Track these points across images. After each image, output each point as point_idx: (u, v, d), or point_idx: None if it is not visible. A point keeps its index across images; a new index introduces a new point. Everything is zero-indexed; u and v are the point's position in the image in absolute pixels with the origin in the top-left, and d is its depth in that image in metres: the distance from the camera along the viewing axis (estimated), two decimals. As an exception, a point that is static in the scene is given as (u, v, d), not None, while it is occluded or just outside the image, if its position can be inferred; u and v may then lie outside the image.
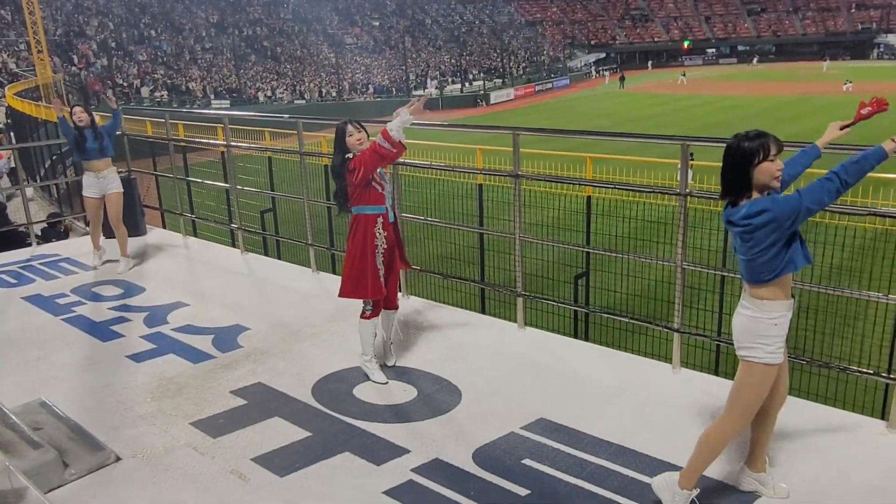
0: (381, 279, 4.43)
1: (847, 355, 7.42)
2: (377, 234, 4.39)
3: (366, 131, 4.38)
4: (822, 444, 3.56)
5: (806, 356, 4.53)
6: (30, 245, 8.13)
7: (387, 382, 4.43)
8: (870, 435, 3.65)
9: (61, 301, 6.15)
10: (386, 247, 4.43)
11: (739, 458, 3.32)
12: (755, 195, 2.83)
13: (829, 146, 3.28)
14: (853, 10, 76.48)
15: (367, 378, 4.47)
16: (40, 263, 7.30)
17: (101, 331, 5.44)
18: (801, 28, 77.30)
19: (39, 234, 11.14)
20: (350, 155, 4.32)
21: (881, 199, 8.68)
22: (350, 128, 4.32)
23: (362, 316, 4.50)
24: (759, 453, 3.19)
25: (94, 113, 7.04)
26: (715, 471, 3.32)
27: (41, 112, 24.21)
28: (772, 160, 2.80)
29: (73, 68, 43.05)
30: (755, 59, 72.61)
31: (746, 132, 2.87)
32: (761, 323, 2.89)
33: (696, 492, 3.08)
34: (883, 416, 4.20)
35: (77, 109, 6.80)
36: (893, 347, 6.58)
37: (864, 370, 4.23)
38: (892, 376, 3.76)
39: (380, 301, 4.49)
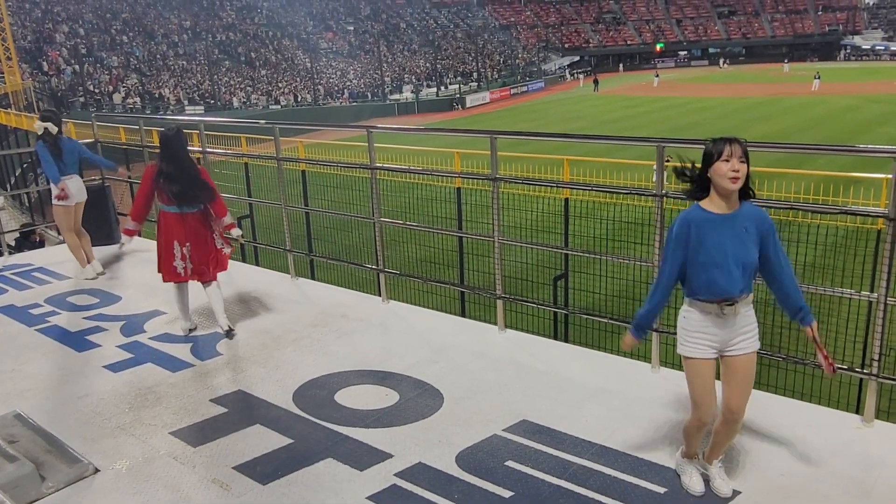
0: None
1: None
2: None
3: None
4: (799, 439, 3.61)
5: (781, 353, 4.59)
6: (1, 255, 7.99)
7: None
8: (845, 429, 3.71)
9: (35, 311, 6.05)
10: None
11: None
12: (713, 194, 3.00)
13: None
14: (820, 13, 77.94)
15: (346, 383, 4.48)
16: (13, 273, 7.18)
17: (77, 341, 5.36)
18: (770, 30, 78.53)
19: (12, 244, 10.96)
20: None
21: (852, 198, 8.85)
22: None
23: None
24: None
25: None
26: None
27: (11, 120, 23.84)
28: (726, 160, 2.90)
29: (43, 75, 42.40)
30: (722, 61, 73.57)
31: (713, 138, 3.02)
32: None
33: (695, 460, 3.30)
34: (858, 410, 4.28)
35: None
36: (866, 343, 6.70)
37: (839, 366, 4.29)
38: (865, 371, 3.83)
39: None
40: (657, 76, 59.59)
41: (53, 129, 6.70)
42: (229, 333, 5.28)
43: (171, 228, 5.26)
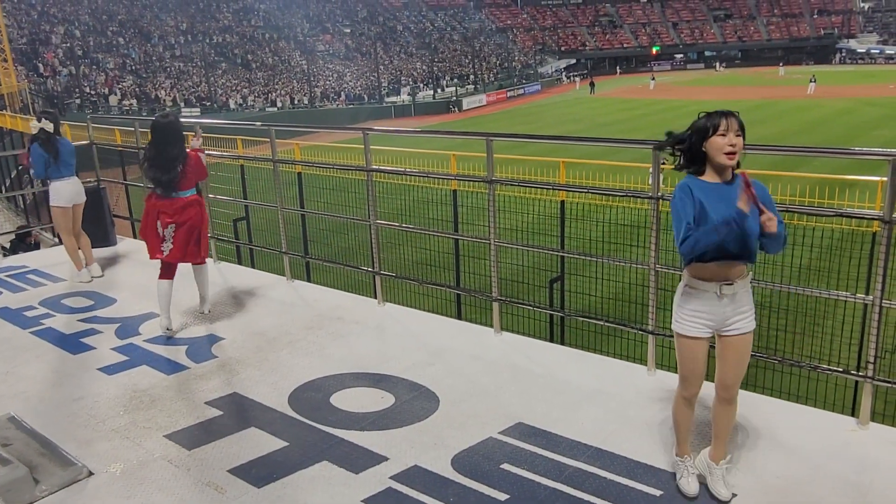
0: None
1: (817, 354, 7.54)
2: None
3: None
4: (795, 442, 3.61)
5: (777, 355, 4.60)
6: (-4, 257, 7.97)
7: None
8: (841, 432, 3.71)
9: (29, 314, 6.02)
10: None
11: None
12: (709, 171, 2.99)
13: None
14: (815, 16, 78.20)
15: (342, 386, 4.47)
16: (7, 275, 7.15)
17: (72, 343, 5.34)
18: (766, 34, 78.76)
19: (7, 246, 10.93)
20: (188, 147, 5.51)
21: (847, 201, 8.88)
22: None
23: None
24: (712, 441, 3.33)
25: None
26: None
27: (6, 122, 23.79)
28: (722, 135, 2.89)
29: (39, 77, 42.31)
30: (718, 64, 73.78)
31: (707, 112, 3.01)
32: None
33: (687, 459, 3.30)
34: (853, 412, 4.29)
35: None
36: (862, 346, 6.71)
37: (834, 368, 4.31)
38: (860, 374, 3.83)
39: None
40: (653, 79, 59.75)
41: (49, 126, 6.69)
42: (202, 313, 5.78)
43: (158, 208, 5.41)
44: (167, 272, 5.48)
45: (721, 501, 3.17)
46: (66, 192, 6.77)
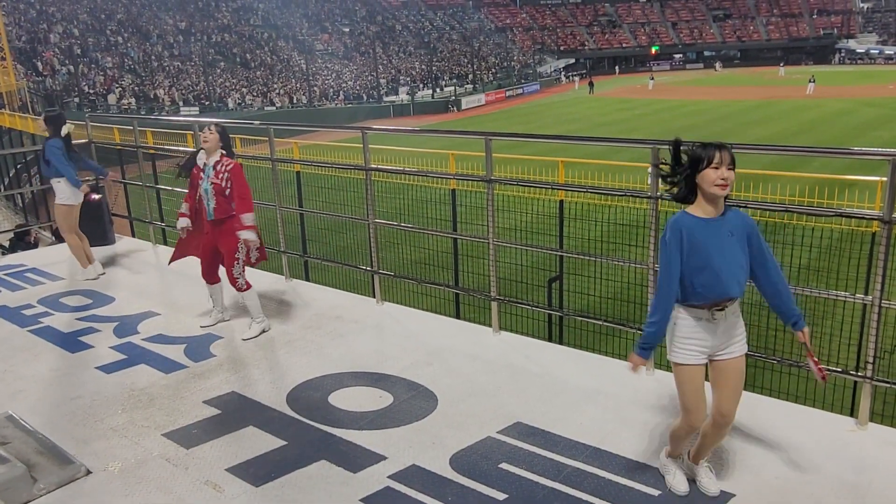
0: None
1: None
2: None
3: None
4: (794, 442, 3.61)
5: (776, 355, 4.60)
6: (-6, 256, 7.95)
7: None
8: (839, 432, 3.72)
9: (28, 312, 6.02)
10: None
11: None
12: (700, 199, 3.01)
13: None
14: (815, 16, 78.27)
15: (340, 385, 4.47)
16: (5, 274, 7.14)
17: (70, 342, 5.33)
18: (765, 34, 78.82)
19: (6, 244, 10.92)
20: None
21: (846, 201, 8.88)
22: None
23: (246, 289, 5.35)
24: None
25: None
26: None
27: (5, 120, 23.77)
28: (715, 168, 2.92)
29: (38, 76, 42.26)
30: (717, 64, 73.79)
31: (703, 142, 3.03)
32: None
33: (679, 460, 3.34)
34: (852, 413, 4.29)
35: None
36: (861, 346, 6.72)
37: (833, 368, 4.30)
38: (859, 374, 3.84)
39: None
40: (652, 79, 59.76)
41: (72, 128, 6.84)
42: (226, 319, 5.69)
43: None
44: None
45: (712, 497, 3.19)
46: (75, 191, 6.82)
